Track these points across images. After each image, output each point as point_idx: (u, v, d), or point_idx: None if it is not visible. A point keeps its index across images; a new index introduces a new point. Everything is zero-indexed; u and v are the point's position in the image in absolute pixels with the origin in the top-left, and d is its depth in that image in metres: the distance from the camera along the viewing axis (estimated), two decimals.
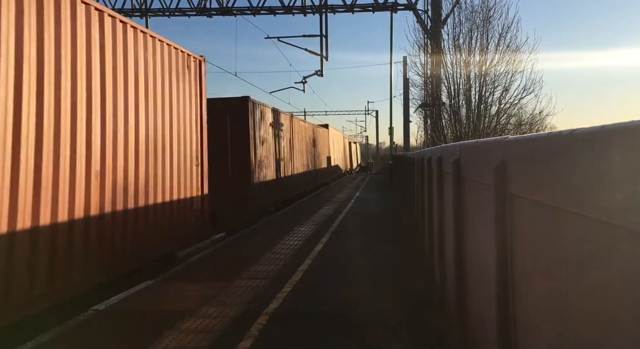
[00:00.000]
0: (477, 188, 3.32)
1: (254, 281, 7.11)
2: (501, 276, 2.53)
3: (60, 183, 5.75)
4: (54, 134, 5.67)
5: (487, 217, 2.80)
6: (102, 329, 5.32)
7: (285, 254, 9.04)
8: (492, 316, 2.67)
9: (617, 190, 1.27)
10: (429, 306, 5.69)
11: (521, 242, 2.37)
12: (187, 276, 7.66)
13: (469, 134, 22.26)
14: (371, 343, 4.72)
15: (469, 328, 3.82)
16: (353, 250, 9.44)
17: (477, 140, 4.18)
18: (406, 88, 28.28)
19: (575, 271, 1.66)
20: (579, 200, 1.55)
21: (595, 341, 1.53)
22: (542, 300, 2.06)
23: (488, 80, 22.77)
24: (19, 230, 5.09)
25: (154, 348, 4.64)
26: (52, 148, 5.63)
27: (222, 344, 4.73)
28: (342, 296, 6.35)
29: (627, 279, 1.25)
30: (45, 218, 5.49)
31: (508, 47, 22.37)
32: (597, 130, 1.43)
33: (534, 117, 22.71)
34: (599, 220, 1.38)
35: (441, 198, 5.63)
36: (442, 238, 5.63)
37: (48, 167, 5.56)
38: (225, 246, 10.29)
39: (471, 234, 3.76)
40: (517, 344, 2.42)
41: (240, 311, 5.74)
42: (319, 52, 23.95)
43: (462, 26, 23.39)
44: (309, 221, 13.52)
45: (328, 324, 5.30)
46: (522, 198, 2.28)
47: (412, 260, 8.35)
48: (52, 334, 5.07)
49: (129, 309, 5.97)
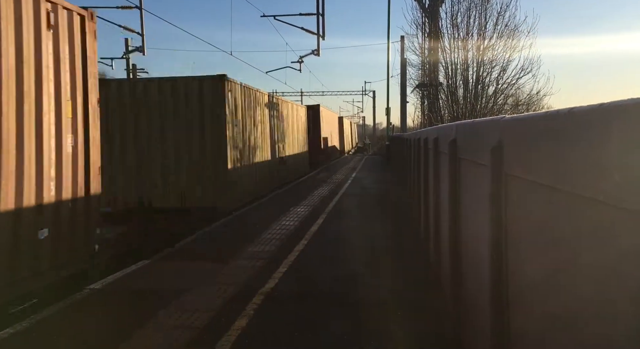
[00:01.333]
0: (474, 168, 3.31)
1: (250, 261, 7.14)
2: (495, 255, 2.53)
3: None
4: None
5: (483, 197, 2.79)
6: (97, 308, 5.34)
7: (281, 234, 9.07)
8: (485, 296, 2.68)
9: (615, 169, 1.25)
10: (424, 286, 5.73)
11: (517, 222, 2.37)
12: (185, 254, 7.68)
13: (466, 115, 22.21)
14: (366, 322, 4.76)
15: (464, 307, 3.84)
16: (348, 231, 9.46)
17: (474, 120, 4.15)
18: (403, 68, 28.07)
19: (571, 250, 1.65)
20: (576, 179, 1.53)
21: (588, 320, 1.53)
22: (536, 279, 2.06)
23: (486, 59, 22.65)
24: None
25: (148, 327, 4.66)
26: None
27: (218, 323, 4.77)
28: (336, 275, 6.38)
29: (623, 259, 1.24)
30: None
31: (506, 26, 22.22)
32: (595, 108, 1.40)
33: (532, 97, 22.68)
34: (595, 200, 1.37)
35: (437, 179, 5.62)
36: (437, 218, 5.64)
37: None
38: (222, 225, 10.30)
39: (467, 214, 3.75)
40: (510, 322, 2.43)
41: (236, 290, 5.77)
42: (316, 31, 23.66)
43: (460, 4, 23.17)
44: (305, 202, 13.54)
45: (323, 303, 5.35)
46: (519, 178, 2.26)
47: (408, 240, 8.38)
48: (47, 313, 5.09)
49: (126, 288, 5.99)
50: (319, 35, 23.47)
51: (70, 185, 6.46)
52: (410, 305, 5.18)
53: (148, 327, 4.66)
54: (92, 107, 7.01)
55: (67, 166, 6.43)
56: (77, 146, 6.67)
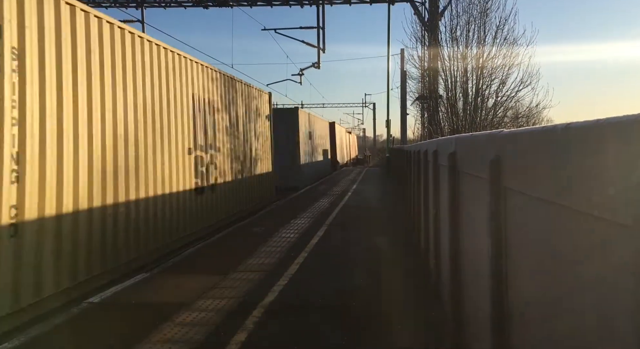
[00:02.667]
0: (473, 181, 3.32)
1: (250, 274, 7.11)
2: (495, 269, 2.53)
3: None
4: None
5: (482, 210, 2.80)
6: (96, 323, 5.31)
7: (282, 247, 9.04)
8: (486, 309, 2.67)
9: (610, 184, 1.26)
10: (424, 300, 5.70)
11: (516, 236, 2.37)
12: (183, 268, 7.65)
13: (466, 127, 22.26)
14: (365, 335, 4.73)
15: (464, 322, 3.83)
16: (349, 244, 9.44)
17: (473, 133, 4.17)
18: (403, 80, 28.23)
19: (569, 265, 1.66)
20: (572, 194, 1.55)
21: (587, 334, 1.53)
22: (535, 293, 2.06)
23: (485, 72, 22.75)
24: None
25: (149, 341, 4.64)
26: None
27: (217, 337, 4.74)
28: (337, 288, 6.35)
29: (618, 273, 1.25)
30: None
31: (505, 40, 22.32)
32: (591, 124, 1.42)
33: (531, 110, 22.74)
34: (591, 215, 1.38)
35: (437, 191, 5.63)
36: (437, 231, 5.63)
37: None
38: (223, 237, 10.27)
39: (466, 227, 3.76)
40: (510, 336, 2.43)
41: (235, 304, 5.74)
42: (316, 44, 23.85)
43: (459, 18, 23.31)
44: (305, 214, 13.51)
45: (323, 317, 5.32)
46: (517, 192, 2.27)
47: (408, 252, 8.36)
48: (44, 328, 5.05)
49: (124, 302, 5.97)
50: (319, 48, 23.66)
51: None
52: (410, 319, 5.15)
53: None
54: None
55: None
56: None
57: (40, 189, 5.73)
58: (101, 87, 7.11)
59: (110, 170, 7.22)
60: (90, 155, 6.75)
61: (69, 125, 6.29)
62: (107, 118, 7.21)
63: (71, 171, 6.30)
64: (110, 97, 7.33)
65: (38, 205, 5.70)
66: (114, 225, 7.30)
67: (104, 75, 7.18)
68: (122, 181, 7.60)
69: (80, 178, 6.49)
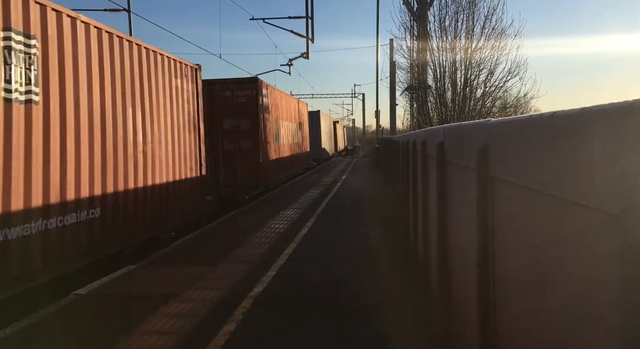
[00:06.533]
0: (461, 171, 3.32)
1: (239, 264, 7.10)
2: (482, 258, 2.54)
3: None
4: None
5: (470, 200, 2.80)
6: (83, 314, 5.27)
7: (271, 237, 9.03)
8: (473, 297, 2.68)
9: (597, 173, 1.26)
10: (413, 289, 5.73)
11: (503, 224, 2.38)
12: (171, 260, 7.62)
13: (455, 117, 22.33)
14: (353, 326, 4.75)
15: (452, 311, 3.85)
16: (338, 234, 9.45)
17: (461, 123, 4.17)
18: (392, 71, 28.17)
19: (556, 253, 1.66)
20: (559, 183, 1.54)
21: (573, 321, 1.54)
22: (522, 281, 2.07)
23: (474, 63, 22.80)
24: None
25: (137, 332, 4.61)
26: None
27: (206, 328, 4.73)
28: (325, 279, 6.36)
29: (603, 262, 1.25)
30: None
31: (493, 30, 22.38)
32: (577, 112, 1.41)
33: (519, 100, 22.89)
34: (577, 203, 1.38)
35: (426, 181, 5.63)
36: (425, 221, 5.65)
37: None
38: (213, 228, 10.24)
39: (454, 216, 3.77)
40: (496, 324, 2.44)
41: (224, 295, 5.73)
42: (305, 34, 23.68)
43: (448, 8, 23.30)
44: (295, 204, 13.50)
45: (311, 308, 5.33)
46: (504, 181, 2.27)
47: (397, 242, 8.39)
48: (31, 320, 5.01)
49: (112, 294, 5.92)
50: (308, 38, 23.51)
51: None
52: (398, 309, 5.18)
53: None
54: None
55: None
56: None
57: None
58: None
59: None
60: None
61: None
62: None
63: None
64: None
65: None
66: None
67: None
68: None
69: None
